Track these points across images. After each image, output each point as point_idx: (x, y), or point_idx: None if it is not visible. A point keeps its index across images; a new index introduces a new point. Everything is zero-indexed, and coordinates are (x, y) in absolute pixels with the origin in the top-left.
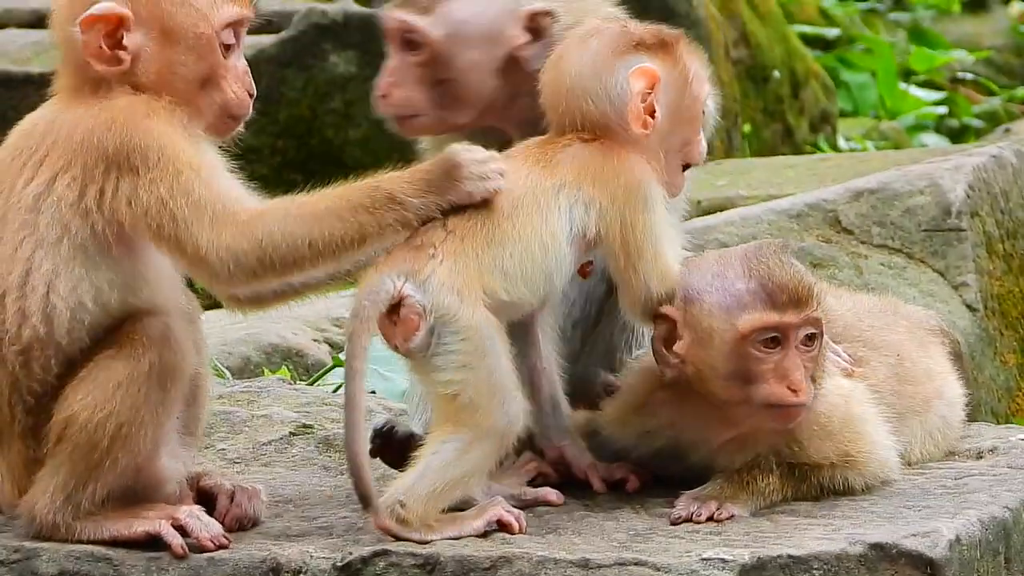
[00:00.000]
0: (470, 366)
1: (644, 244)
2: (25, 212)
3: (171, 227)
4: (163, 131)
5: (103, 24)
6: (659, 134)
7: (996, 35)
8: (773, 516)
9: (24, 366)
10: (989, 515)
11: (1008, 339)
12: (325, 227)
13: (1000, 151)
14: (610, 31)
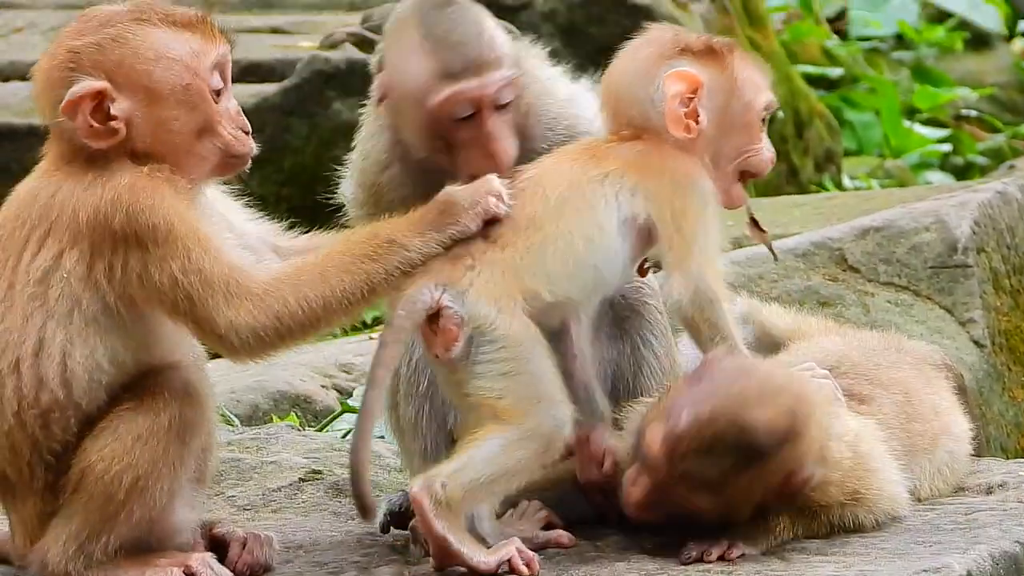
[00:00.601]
0: (511, 374)
1: (697, 234)
2: (34, 285)
3: (186, 305)
4: (169, 207)
5: (86, 103)
6: (706, 140)
7: (999, 72)
8: (784, 554)
9: (44, 428)
10: (1000, 550)
11: (1016, 375)
12: (335, 284)
13: (1005, 187)
14: (661, 37)
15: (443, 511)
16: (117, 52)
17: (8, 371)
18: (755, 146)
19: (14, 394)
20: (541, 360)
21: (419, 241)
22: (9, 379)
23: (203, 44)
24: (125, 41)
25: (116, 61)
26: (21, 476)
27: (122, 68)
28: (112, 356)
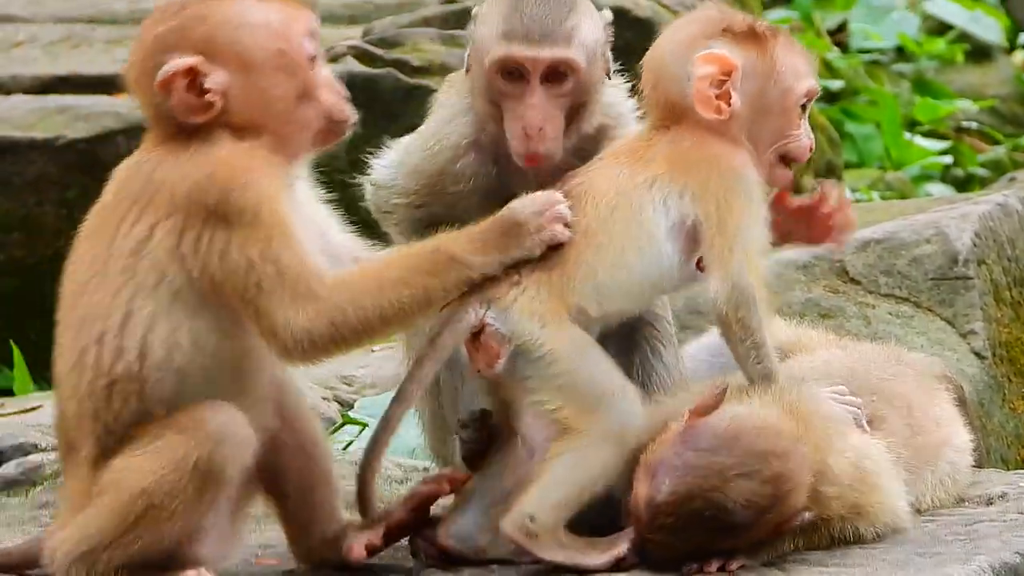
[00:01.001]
0: (566, 386)
1: (742, 230)
2: (126, 257)
3: (254, 293)
4: (261, 190)
5: (179, 79)
6: (740, 122)
7: (1000, 84)
8: (785, 566)
9: (107, 399)
10: (1000, 561)
11: (1017, 386)
12: (393, 296)
13: (1006, 199)
14: (706, 16)
15: (544, 540)
16: (203, 27)
17: (92, 342)
18: (794, 132)
19: (94, 364)
20: (594, 363)
21: (480, 260)
22: (92, 350)
23: (290, 11)
24: (210, 15)
25: (204, 36)
26: (76, 451)
27: (211, 42)
28: (194, 337)
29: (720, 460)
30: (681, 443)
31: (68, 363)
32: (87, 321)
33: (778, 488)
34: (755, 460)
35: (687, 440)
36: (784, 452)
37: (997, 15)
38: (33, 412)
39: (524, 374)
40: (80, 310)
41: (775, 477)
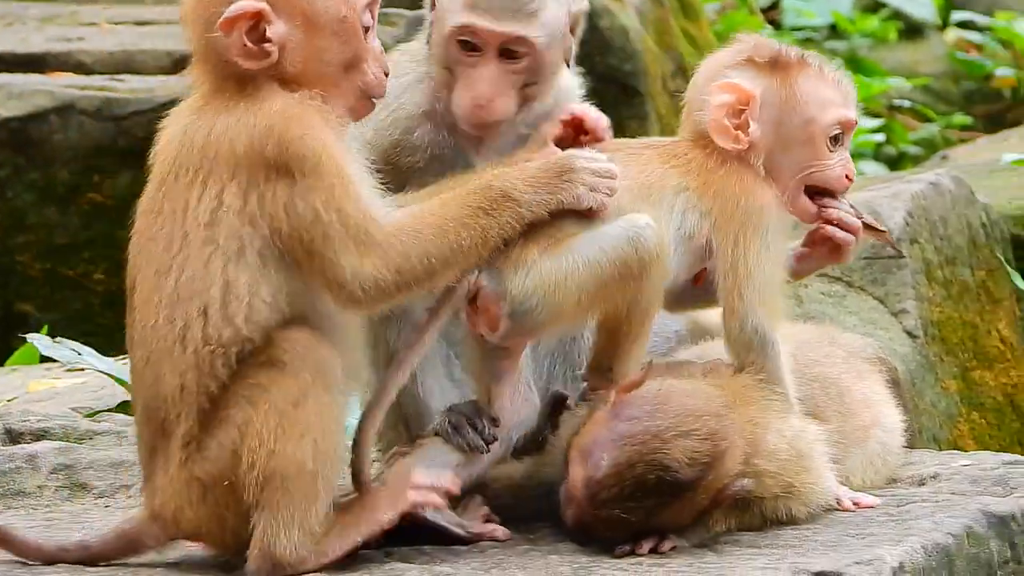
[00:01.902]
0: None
1: (754, 273)
2: (203, 229)
3: (321, 244)
4: (319, 138)
5: (243, 22)
6: (760, 152)
7: (933, 62)
8: (717, 547)
9: (211, 365)
10: (932, 542)
11: (948, 365)
12: (453, 238)
13: (938, 178)
14: (738, 45)
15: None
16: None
17: (197, 315)
18: (819, 162)
19: (200, 335)
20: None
21: (531, 198)
22: (196, 323)
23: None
24: None
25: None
26: (177, 421)
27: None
28: (291, 293)
29: (655, 424)
30: (612, 418)
31: (167, 340)
32: (183, 297)
33: (716, 444)
34: (690, 419)
35: (617, 414)
36: (716, 412)
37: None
38: None
39: (528, 326)
40: (170, 287)
41: (712, 434)
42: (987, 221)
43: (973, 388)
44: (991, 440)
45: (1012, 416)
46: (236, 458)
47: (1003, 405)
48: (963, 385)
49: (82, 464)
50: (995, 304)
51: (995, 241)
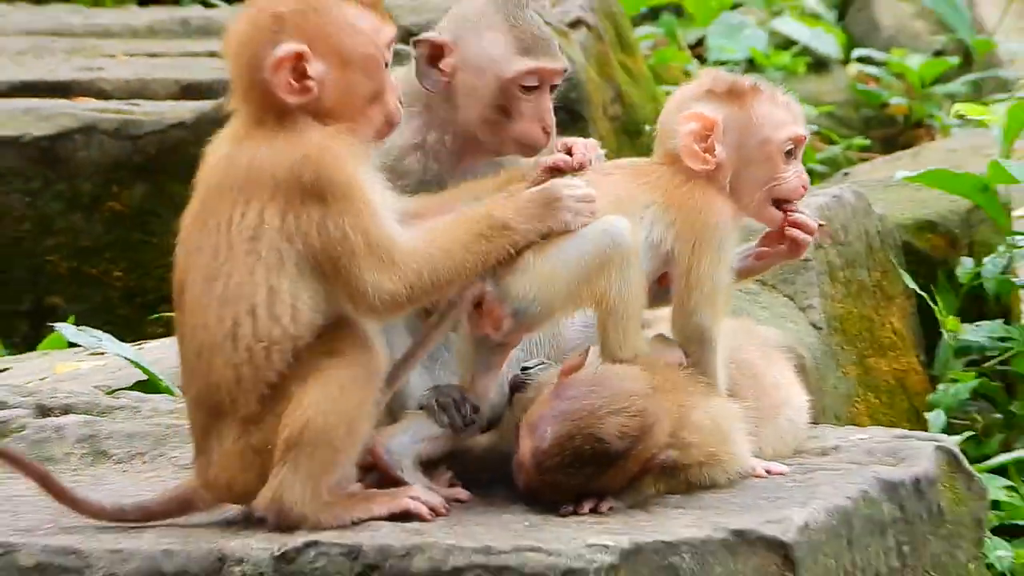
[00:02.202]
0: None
1: (704, 279)
2: (247, 241)
3: (347, 261)
4: (348, 168)
5: (288, 62)
6: (726, 171)
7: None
8: (648, 507)
9: (267, 359)
10: (833, 504)
11: (848, 354)
12: (458, 259)
13: (840, 192)
14: (700, 79)
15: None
16: (317, 20)
17: (246, 314)
18: (779, 175)
19: (250, 332)
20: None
21: (525, 228)
22: (246, 321)
23: (381, 23)
24: (325, 11)
25: (316, 27)
26: (235, 405)
27: (321, 34)
28: (328, 300)
29: (591, 402)
30: (555, 397)
31: (217, 336)
32: (231, 299)
33: (644, 420)
34: (621, 398)
35: (560, 394)
36: (645, 392)
37: (835, 32)
38: (2, 373)
39: (529, 321)
40: (218, 291)
41: (640, 411)
42: (882, 229)
43: (869, 373)
44: (884, 417)
45: (902, 397)
46: (281, 425)
47: (894, 388)
48: (860, 370)
49: (103, 435)
50: (888, 301)
51: (889, 247)
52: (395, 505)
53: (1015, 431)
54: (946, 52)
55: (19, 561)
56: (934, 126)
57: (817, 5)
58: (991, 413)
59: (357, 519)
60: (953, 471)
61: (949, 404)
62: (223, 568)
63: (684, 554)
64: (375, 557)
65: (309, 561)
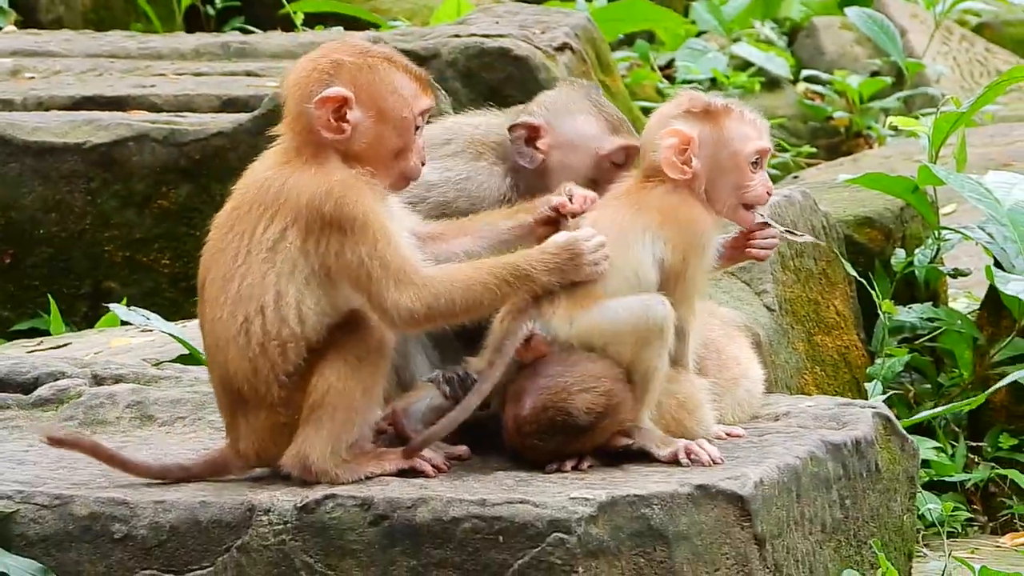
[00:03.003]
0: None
1: (688, 279)
2: (265, 251)
3: (366, 282)
4: (367, 203)
5: (333, 103)
6: (702, 181)
7: (787, 107)
8: (624, 465)
9: (282, 355)
10: (784, 463)
11: (798, 331)
12: (477, 295)
13: (791, 192)
14: (677, 100)
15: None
16: (369, 76)
17: (255, 313)
18: (747, 184)
19: (260, 330)
20: (615, 303)
21: (547, 279)
22: (256, 319)
23: (422, 93)
24: (377, 71)
25: (366, 82)
26: (257, 393)
27: (368, 88)
28: (332, 304)
29: (565, 380)
30: (535, 373)
31: (231, 330)
32: (243, 298)
33: (610, 399)
34: (591, 379)
35: (539, 370)
36: (613, 376)
37: (786, 56)
38: (63, 348)
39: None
40: (233, 290)
41: (607, 392)
42: (826, 225)
43: (815, 349)
44: (829, 388)
45: (844, 370)
46: (306, 395)
47: (838, 362)
48: (808, 347)
49: (149, 401)
50: (832, 286)
51: (832, 239)
52: (404, 462)
53: (942, 399)
54: (881, 73)
55: (74, 511)
56: (871, 136)
57: (770, 32)
58: (922, 384)
59: (371, 474)
60: (889, 434)
61: (885, 376)
62: (252, 517)
63: (655, 506)
64: (385, 508)
65: (327, 512)
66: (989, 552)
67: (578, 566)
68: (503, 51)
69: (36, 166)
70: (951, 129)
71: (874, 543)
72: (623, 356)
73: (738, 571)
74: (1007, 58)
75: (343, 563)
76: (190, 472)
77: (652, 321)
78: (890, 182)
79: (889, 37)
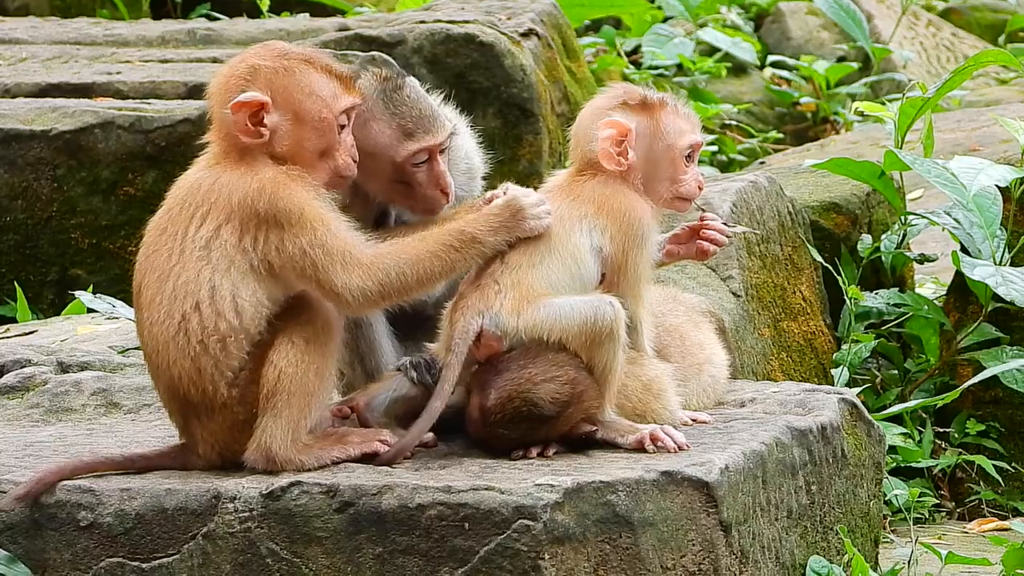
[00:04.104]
0: (553, 327)
1: (631, 271)
2: (199, 249)
3: (312, 271)
4: (299, 195)
5: (248, 108)
6: (637, 172)
7: (754, 93)
8: (589, 452)
9: (223, 349)
10: (750, 449)
11: (764, 317)
12: (427, 266)
13: (756, 178)
14: (612, 92)
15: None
16: (285, 80)
17: (191, 310)
18: (681, 177)
19: (198, 326)
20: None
21: (492, 239)
22: (192, 316)
23: (342, 92)
24: (293, 74)
25: (282, 86)
26: (205, 396)
27: (284, 92)
28: (269, 295)
29: (528, 370)
30: (500, 363)
31: (169, 331)
32: (179, 297)
33: (574, 388)
34: (554, 368)
35: (502, 362)
36: (576, 364)
37: (752, 41)
38: (30, 335)
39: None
40: (168, 290)
41: (570, 381)
42: (792, 210)
43: (782, 335)
44: (795, 373)
45: (811, 355)
46: (259, 386)
47: (804, 347)
48: (774, 332)
49: (115, 388)
50: (798, 272)
51: (798, 225)
52: (367, 446)
53: (909, 385)
54: (848, 58)
55: (42, 499)
56: (838, 121)
57: (736, 18)
58: (889, 370)
59: (335, 458)
60: (855, 420)
61: (852, 362)
62: (218, 505)
63: (620, 492)
64: (350, 495)
65: (293, 499)
66: (956, 538)
67: (544, 552)
68: (469, 37)
69: (2, 153)
70: (917, 114)
71: (840, 529)
72: (578, 353)
73: (704, 557)
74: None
75: (309, 550)
76: (153, 464)
77: (601, 324)
78: (856, 167)
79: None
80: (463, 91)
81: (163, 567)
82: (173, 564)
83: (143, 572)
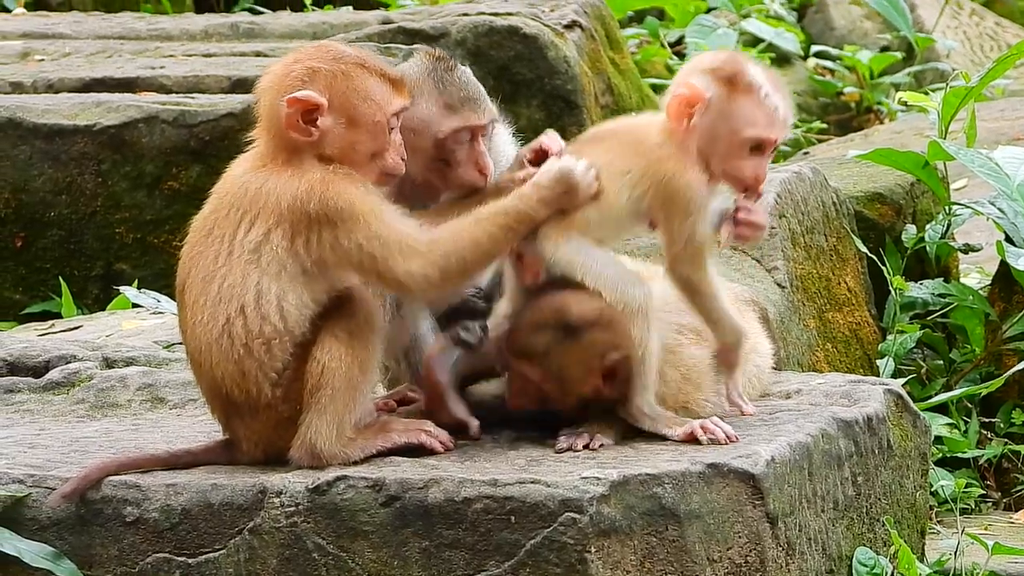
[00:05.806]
0: (586, 273)
1: (678, 237)
2: (248, 253)
3: (371, 264)
4: (349, 192)
5: (304, 105)
6: (693, 145)
7: (797, 83)
8: (635, 444)
9: (267, 352)
10: (796, 440)
11: (809, 308)
12: (485, 247)
13: (800, 168)
14: (713, 56)
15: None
16: (343, 84)
17: (235, 314)
18: (736, 162)
19: (242, 330)
20: (601, 257)
21: (545, 214)
22: (237, 320)
23: (395, 96)
24: (350, 79)
25: (340, 91)
26: (248, 397)
27: (341, 97)
28: (314, 297)
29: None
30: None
31: (213, 333)
32: (224, 299)
33: (602, 314)
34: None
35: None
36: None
37: (795, 31)
38: (75, 331)
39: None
40: (213, 292)
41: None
42: (837, 201)
43: (827, 326)
44: (840, 364)
45: (856, 346)
46: (304, 381)
47: (849, 338)
48: (819, 323)
49: (160, 383)
50: (843, 263)
51: (843, 216)
52: (411, 436)
53: (954, 375)
54: (891, 48)
55: (88, 495)
56: (882, 111)
57: (780, 8)
58: (934, 360)
59: (380, 448)
60: (901, 411)
61: (897, 352)
62: (264, 499)
63: (666, 485)
64: (396, 489)
65: (339, 493)
66: (1002, 528)
67: (590, 546)
68: (512, 29)
69: (46, 148)
70: (961, 104)
71: (887, 520)
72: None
73: (751, 549)
74: (1017, 32)
75: (355, 544)
76: (198, 459)
77: (630, 302)
78: (900, 158)
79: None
80: (507, 83)
81: (209, 562)
82: (219, 559)
83: (189, 567)
